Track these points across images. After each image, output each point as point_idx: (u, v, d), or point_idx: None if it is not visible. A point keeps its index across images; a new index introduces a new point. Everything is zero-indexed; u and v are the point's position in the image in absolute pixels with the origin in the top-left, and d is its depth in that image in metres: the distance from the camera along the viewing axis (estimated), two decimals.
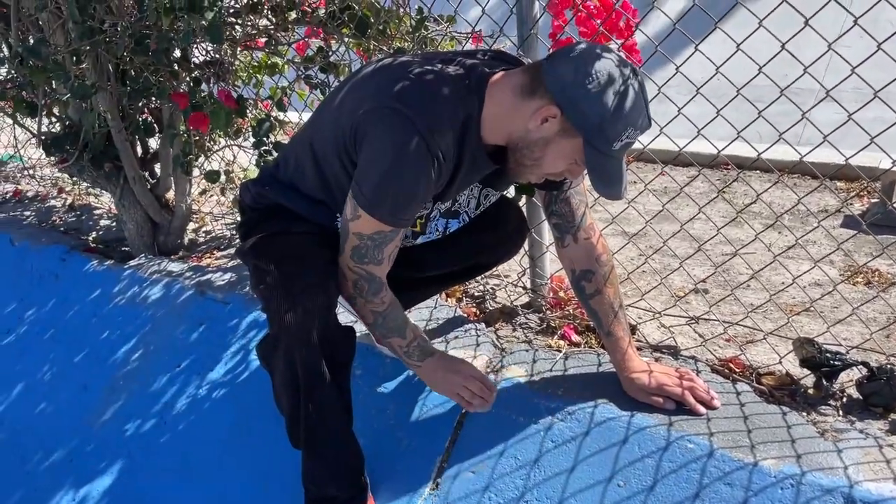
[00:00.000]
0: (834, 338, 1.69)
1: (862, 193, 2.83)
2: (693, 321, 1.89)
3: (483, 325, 2.03)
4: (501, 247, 1.80)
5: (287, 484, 1.74)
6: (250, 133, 2.21)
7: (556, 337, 1.90)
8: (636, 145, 1.38)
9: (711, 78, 1.60)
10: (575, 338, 1.88)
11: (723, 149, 1.79)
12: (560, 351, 1.84)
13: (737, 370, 1.67)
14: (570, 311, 1.95)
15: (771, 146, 1.66)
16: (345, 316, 1.60)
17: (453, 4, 1.98)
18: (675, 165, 3.22)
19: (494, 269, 1.95)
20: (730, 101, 1.60)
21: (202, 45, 2.37)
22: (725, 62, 1.56)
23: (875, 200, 2.68)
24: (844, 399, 1.55)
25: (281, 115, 2.22)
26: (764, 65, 1.48)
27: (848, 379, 1.57)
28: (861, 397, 1.53)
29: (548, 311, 1.97)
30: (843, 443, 1.43)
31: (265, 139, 1.98)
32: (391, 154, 1.27)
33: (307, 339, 1.41)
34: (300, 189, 1.52)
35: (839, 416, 1.51)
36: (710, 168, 3.15)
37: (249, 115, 2.37)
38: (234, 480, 1.86)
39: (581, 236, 1.60)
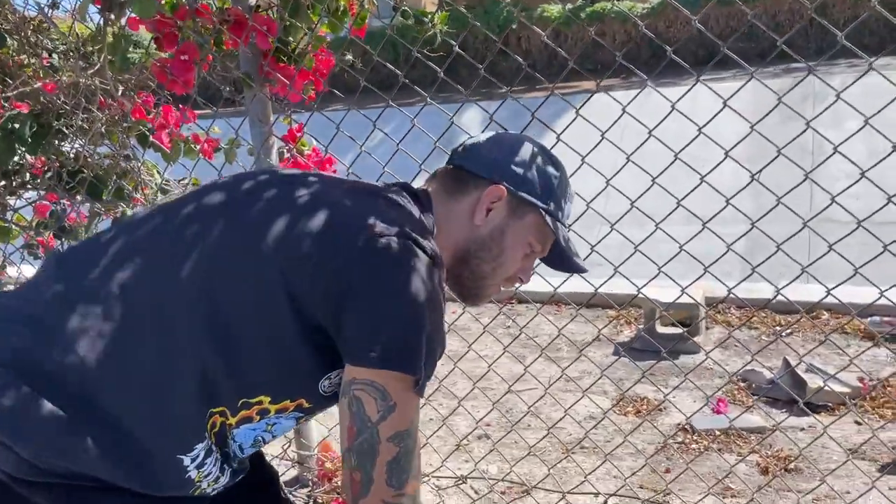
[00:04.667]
0: (597, 481, 1.65)
1: (629, 321, 2.98)
2: (461, 481, 1.79)
3: None
4: None
5: None
6: None
7: None
8: None
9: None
10: None
11: None
12: None
13: None
14: (339, 482, 1.78)
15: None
16: None
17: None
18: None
19: None
20: None
21: None
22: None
23: (641, 327, 2.83)
24: None
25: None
26: (591, 200, 1.48)
27: None
28: None
29: (314, 486, 1.79)
30: None
31: None
32: (423, 295, 0.87)
33: None
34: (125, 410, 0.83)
35: None
36: (493, 303, 3.19)
37: None
38: None
39: None
